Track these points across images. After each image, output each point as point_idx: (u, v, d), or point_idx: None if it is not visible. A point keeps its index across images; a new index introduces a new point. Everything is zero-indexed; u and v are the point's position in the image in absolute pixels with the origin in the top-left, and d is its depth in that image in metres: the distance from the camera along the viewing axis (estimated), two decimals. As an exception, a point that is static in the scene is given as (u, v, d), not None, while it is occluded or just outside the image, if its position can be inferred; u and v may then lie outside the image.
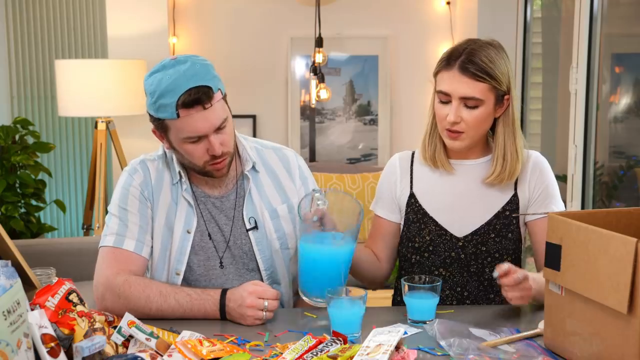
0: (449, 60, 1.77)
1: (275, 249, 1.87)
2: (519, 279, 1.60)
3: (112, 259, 1.76)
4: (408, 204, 1.89)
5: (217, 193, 1.85)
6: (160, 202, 1.82)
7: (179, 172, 1.82)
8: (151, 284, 1.72)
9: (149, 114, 1.76)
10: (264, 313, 1.65)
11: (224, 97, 1.75)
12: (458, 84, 1.75)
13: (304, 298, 1.75)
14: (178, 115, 1.68)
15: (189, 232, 1.81)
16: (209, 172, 1.80)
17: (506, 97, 1.79)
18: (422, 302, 1.64)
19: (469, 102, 1.75)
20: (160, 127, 1.75)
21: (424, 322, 1.62)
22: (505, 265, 1.62)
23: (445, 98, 1.78)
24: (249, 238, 1.85)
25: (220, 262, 1.84)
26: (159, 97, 1.69)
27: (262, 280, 1.86)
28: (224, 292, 1.68)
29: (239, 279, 1.84)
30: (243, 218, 1.85)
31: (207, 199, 1.84)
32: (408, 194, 1.90)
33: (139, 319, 1.50)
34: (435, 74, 1.82)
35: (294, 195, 1.91)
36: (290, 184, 1.92)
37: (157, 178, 1.84)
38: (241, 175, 1.88)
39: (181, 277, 1.81)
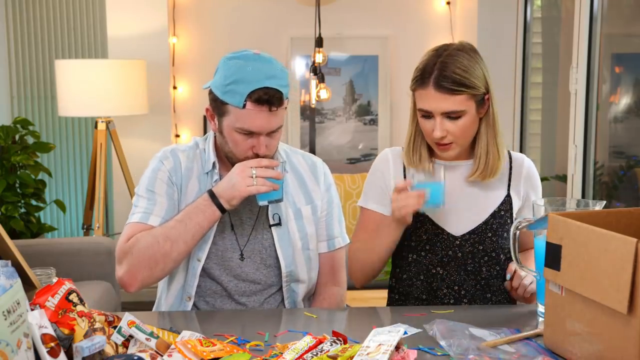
0: (422, 79, 1.76)
1: (297, 248, 1.90)
2: (520, 276, 1.75)
3: (130, 233, 1.79)
4: None
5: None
6: (188, 190, 1.86)
7: (214, 163, 1.87)
8: (153, 229, 1.78)
9: (212, 93, 1.79)
10: (254, 180, 1.71)
11: (285, 107, 1.81)
12: (436, 101, 1.75)
13: None
14: (244, 106, 1.73)
15: None
16: None
17: (486, 96, 1.80)
18: (432, 186, 1.71)
19: (452, 115, 1.75)
20: (218, 109, 1.79)
21: (437, 206, 1.70)
22: (512, 267, 1.77)
23: (425, 114, 1.79)
24: (271, 234, 1.88)
25: (241, 254, 1.87)
26: (233, 83, 1.73)
27: (279, 276, 1.89)
28: (209, 189, 1.77)
29: (255, 272, 1.87)
30: (267, 214, 1.88)
31: None
32: None
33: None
34: (412, 90, 1.81)
35: (318, 198, 1.96)
36: (315, 187, 1.97)
37: (187, 167, 1.88)
38: None
39: (202, 263, 1.84)
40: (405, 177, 1.90)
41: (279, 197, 1.77)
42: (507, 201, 1.88)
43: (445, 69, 1.74)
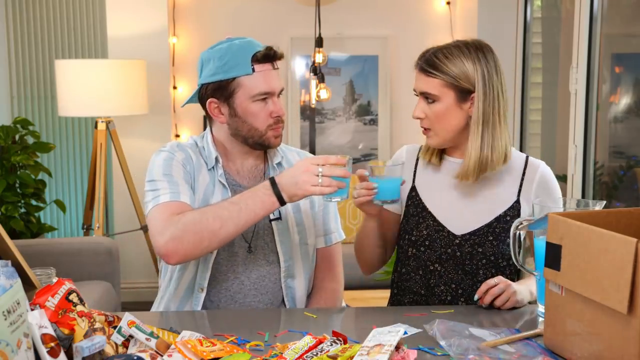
0: (417, 61, 1.84)
1: (295, 242, 1.91)
2: (494, 293, 1.72)
3: (168, 210, 1.74)
4: (409, 197, 1.91)
5: (246, 183, 1.89)
6: (200, 182, 1.86)
7: (216, 157, 1.87)
8: (202, 207, 1.75)
9: (210, 84, 1.82)
10: (320, 178, 1.65)
11: None
12: (417, 81, 1.83)
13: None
14: (253, 70, 1.78)
15: None
16: (266, 140, 1.85)
17: (472, 95, 1.79)
18: (383, 182, 1.73)
19: (428, 97, 1.81)
20: (226, 92, 1.81)
21: (390, 201, 1.75)
22: (483, 287, 1.73)
23: (416, 95, 1.85)
24: (271, 228, 1.89)
25: (249, 247, 1.87)
26: (232, 58, 1.79)
27: (279, 274, 1.89)
28: (272, 177, 1.72)
29: (258, 269, 1.88)
30: None
31: (237, 187, 1.88)
32: (410, 186, 1.91)
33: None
34: None
35: None
36: None
37: (196, 161, 1.89)
38: (268, 169, 1.93)
39: (214, 255, 1.84)
40: (415, 174, 1.92)
41: (343, 196, 1.72)
42: (515, 207, 1.85)
43: (433, 54, 1.80)
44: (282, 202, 1.70)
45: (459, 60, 1.77)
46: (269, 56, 1.80)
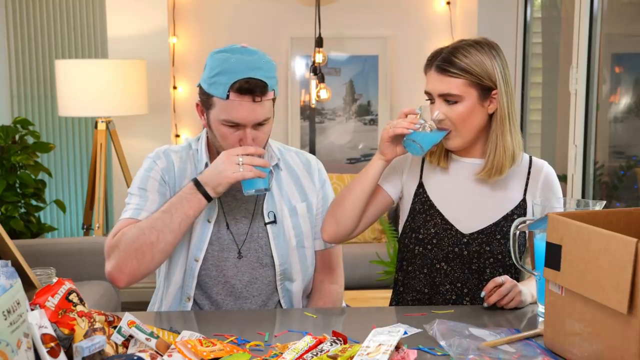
0: (430, 62, 1.82)
1: (291, 246, 1.90)
2: (502, 293, 1.72)
3: (121, 227, 1.79)
4: (416, 194, 1.89)
5: (239, 186, 1.87)
6: None
7: (206, 163, 1.86)
8: (140, 222, 1.77)
9: (200, 88, 1.81)
10: (241, 167, 1.70)
11: (274, 99, 1.81)
12: (434, 83, 1.79)
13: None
14: (227, 97, 1.73)
15: (209, 222, 1.85)
16: None
17: (493, 92, 1.79)
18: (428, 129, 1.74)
19: (449, 99, 1.77)
20: (206, 103, 1.80)
21: (418, 148, 1.73)
22: (490, 285, 1.73)
23: (429, 97, 1.82)
24: (267, 232, 1.88)
25: (239, 253, 1.87)
26: (217, 75, 1.74)
27: (275, 276, 1.89)
28: (194, 178, 1.76)
29: (251, 272, 1.87)
30: (262, 212, 1.88)
31: (228, 191, 1.84)
32: (417, 183, 1.90)
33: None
34: (425, 74, 1.86)
35: (313, 195, 1.96)
36: (310, 184, 1.97)
37: (180, 167, 1.88)
38: None
39: (199, 264, 1.84)
40: (422, 168, 1.91)
41: (265, 187, 1.76)
42: (522, 206, 1.86)
43: (450, 54, 1.78)
44: (209, 198, 1.74)
45: (478, 58, 1.77)
46: (245, 90, 1.71)
